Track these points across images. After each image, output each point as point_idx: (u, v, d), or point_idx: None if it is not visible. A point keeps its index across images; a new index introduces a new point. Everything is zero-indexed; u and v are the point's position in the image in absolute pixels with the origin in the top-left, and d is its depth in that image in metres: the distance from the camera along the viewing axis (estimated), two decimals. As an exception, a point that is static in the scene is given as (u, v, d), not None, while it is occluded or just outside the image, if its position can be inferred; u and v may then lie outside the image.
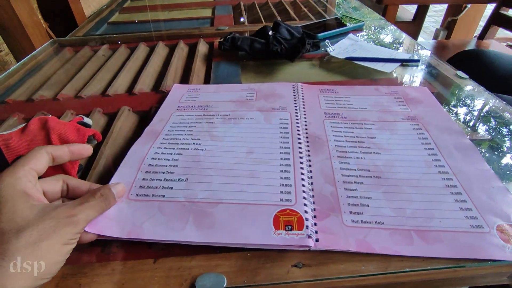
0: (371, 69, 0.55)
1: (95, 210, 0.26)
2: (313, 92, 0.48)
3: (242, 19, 0.86)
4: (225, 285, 0.24)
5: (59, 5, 1.64)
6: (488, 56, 0.94)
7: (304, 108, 0.44)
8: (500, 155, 0.37)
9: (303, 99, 0.46)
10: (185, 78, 0.57)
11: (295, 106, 0.44)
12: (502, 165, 0.35)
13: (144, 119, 0.46)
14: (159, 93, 0.52)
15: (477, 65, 0.89)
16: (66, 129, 0.34)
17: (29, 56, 0.67)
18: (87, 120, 0.39)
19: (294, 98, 0.46)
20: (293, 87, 0.48)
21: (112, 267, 0.26)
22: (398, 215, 0.28)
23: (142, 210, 0.29)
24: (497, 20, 1.33)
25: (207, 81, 0.56)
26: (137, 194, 0.31)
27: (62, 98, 0.51)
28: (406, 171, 0.33)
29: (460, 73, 0.52)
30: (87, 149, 0.31)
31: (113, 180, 0.33)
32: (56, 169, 0.32)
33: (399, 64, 0.55)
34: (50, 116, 0.37)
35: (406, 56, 0.57)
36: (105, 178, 0.36)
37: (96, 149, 0.40)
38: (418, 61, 0.56)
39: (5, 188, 0.23)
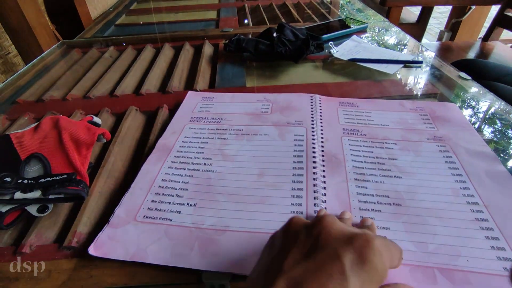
0: (374, 70, 0.55)
1: None
2: (331, 105, 0.45)
3: (246, 21, 0.87)
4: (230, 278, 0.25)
5: (66, 7, 1.67)
6: (477, 64, 0.98)
7: (321, 123, 0.41)
8: (506, 157, 0.37)
9: (320, 112, 0.43)
10: (191, 79, 0.58)
11: (312, 121, 0.41)
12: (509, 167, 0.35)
13: (152, 119, 0.47)
14: (165, 94, 0.53)
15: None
16: (77, 128, 0.35)
17: (38, 58, 0.68)
18: (96, 119, 0.40)
19: (312, 111, 0.44)
20: (311, 99, 0.46)
21: (122, 260, 0.27)
22: (420, 250, 0.26)
23: (148, 233, 0.28)
24: (501, 21, 1.33)
25: (212, 82, 0.57)
26: (144, 216, 0.30)
27: (71, 98, 0.53)
28: (430, 199, 0.30)
29: (463, 74, 0.52)
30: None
31: (123, 202, 0.32)
32: (66, 164, 0.33)
33: (402, 65, 0.56)
34: (61, 115, 0.38)
35: (409, 58, 0.58)
36: (114, 176, 0.37)
37: (105, 147, 0.41)
38: (421, 62, 0.57)
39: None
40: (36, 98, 0.53)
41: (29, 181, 0.31)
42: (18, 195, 0.30)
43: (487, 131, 0.42)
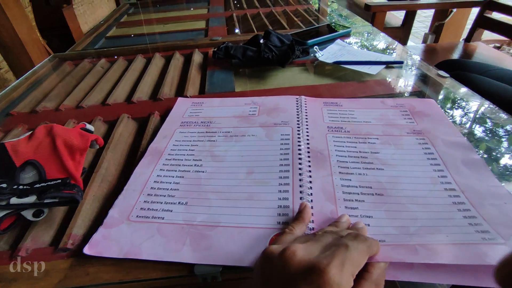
0: (358, 71, 0.58)
1: None
2: (316, 105, 0.47)
3: (237, 30, 0.90)
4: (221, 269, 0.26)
5: (57, 23, 1.69)
6: (458, 64, 1.03)
7: (307, 122, 0.43)
8: (480, 145, 0.39)
9: (306, 113, 0.45)
10: (181, 86, 0.60)
11: (298, 120, 0.43)
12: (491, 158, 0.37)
13: (143, 125, 0.48)
14: (156, 101, 0.54)
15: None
16: (70, 135, 0.37)
17: (30, 71, 0.70)
18: (89, 126, 0.42)
19: (297, 112, 0.45)
20: (297, 101, 0.48)
21: (116, 258, 0.28)
22: (401, 233, 0.27)
23: (141, 231, 0.30)
24: (482, 23, 1.38)
25: (202, 88, 0.59)
26: (137, 216, 0.31)
27: (64, 108, 0.54)
28: (411, 188, 0.32)
29: (441, 72, 0.55)
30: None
31: (117, 203, 0.33)
32: (60, 170, 0.34)
33: (384, 66, 0.58)
34: (55, 124, 0.39)
35: (391, 59, 0.60)
36: (107, 180, 0.38)
37: (98, 153, 0.42)
38: (401, 62, 0.59)
39: None
40: (30, 110, 0.54)
41: (25, 187, 0.32)
42: (14, 200, 0.30)
43: (463, 124, 0.44)
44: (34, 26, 1.46)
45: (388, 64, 0.59)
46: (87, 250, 0.28)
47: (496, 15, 1.36)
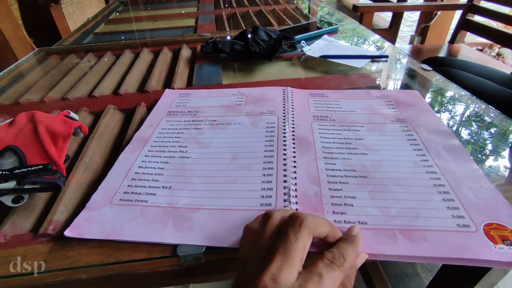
0: (343, 65, 0.59)
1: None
2: (303, 96, 0.48)
3: (227, 29, 0.90)
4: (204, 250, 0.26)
5: (45, 22, 1.66)
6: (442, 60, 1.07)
7: (293, 111, 0.44)
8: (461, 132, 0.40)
9: (292, 103, 0.46)
10: (169, 80, 0.60)
11: (284, 110, 0.44)
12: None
13: (130, 116, 0.48)
14: (144, 93, 0.54)
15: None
16: (53, 121, 0.36)
17: (14, 64, 0.68)
18: (73, 115, 0.41)
19: (284, 102, 0.46)
20: (283, 92, 0.49)
21: (98, 241, 0.27)
22: (383, 214, 0.28)
23: (124, 213, 0.29)
24: (465, 25, 1.42)
25: (190, 81, 0.59)
26: (120, 199, 0.31)
27: (48, 100, 0.53)
28: (394, 170, 0.33)
29: (424, 66, 0.56)
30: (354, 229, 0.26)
31: (100, 187, 0.33)
32: (42, 156, 0.34)
33: (370, 60, 0.59)
34: (37, 111, 0.39)
35: (376, 53, 0.62)
36: (92, 168, 0.37)
37: (83, 142, 0.41)
38: (386, 56, 0.61)
39: None
40: (13, 102, 0.53)
41: (3, 172, 0.31)
42: (-7, 185, 0.30)
43: (445, 112, 0.45)
44: (20, 24, 1.43)
45: (374, 58, 0.60)
46: (68, 232, 0.27)
47: (479, 19, 1.41)
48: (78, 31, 0.93)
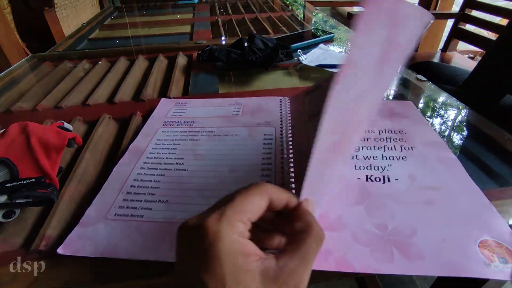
0: (340, 75, 0.59)
1: (313, 260, 0.20)
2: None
3: (223, 39, 0.90)
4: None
5: (38, 26, 1.64)
6: (434, 66, 1.10)
7: (290, 122, 0.43)
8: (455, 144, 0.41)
9: (289, 113, 0.46)
10: (164, 88, 0.59)
11: (281, 121, 0.44)
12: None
13: (125, 125, 0.47)
14: (139, 102, 0.53)
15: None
16: (46, 132, 0.35)
17: (6, 70, 0.67)
18: (67, 125, 0.40)
19: (281, 112, 0.46)
20: (280, 101, 0.48)
21: (92, 258, 0.27)
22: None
23: (119, 229, 0.29)
24: (457, 34, 1.45)
25: (186, 90, 0.58)
26: (115, 214, 0.31)
27: (41, 109, 0.52)
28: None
29: (420, 76, 0.57)
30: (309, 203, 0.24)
31: (95, 202, 0.32)
32: (35, 169, 0.33)
33: (366, 70, 0.60)
34: (30, 121, 0.38)
35: (372, 63, 0.62)
36: (86, 180, 0.37)
37: (77, 154, 0.41)
38: (382, 67, 0.61)
39: (226, 250, 0.18)
40: (4, 109, 0.52)
41: (-5, 186, 0.30)
42: (-18, 200, 0.29)
43: (439, 123, 0.46)
44: (13, 28, 1.41)
45: (369, 68, 0.60)
46: (61, 250, 0.27)
47: (471, 27, 1.44)
48: (72, 37, 0.92)
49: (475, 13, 1.37)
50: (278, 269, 0.18)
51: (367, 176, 0.34)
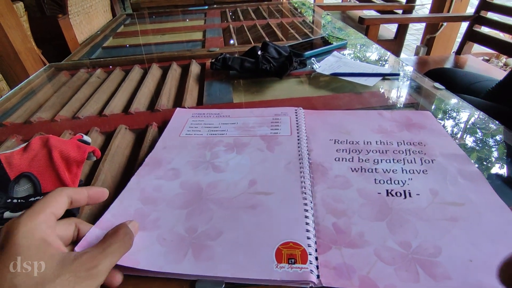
0: (355, 83, 0.58)
1: (118, 254, 0.24)
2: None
3: (232, 41, 0.91)
4: (223, 286, 0.26)
5: (53, 32, 1.68)
6: (448, 73, 1.08)
7: (306, 134, 0.43)
8: (479, 157, 0.40)
9: (305, 124, 0.46)
10: (179, 97, 0.60)
11: (298, 133, 0.43)
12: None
13: (141, 136, 0.48)
14: (154, 112, 0.54)
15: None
16: (67, 146, 0.36)
17: (25, 80, 0.69)
18: (86, 138, 0.41)
19: (297, 124, 0.46)
20: (296, 112, 0.48)
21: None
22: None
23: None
24: (471, 36, 1.42)
25: (200, 99, 0.59)
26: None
27: (59, 119, 0.53)
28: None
29: (437, 84, 0.56)
30: (104, 194, 0.30)
31: (111, 209, 0.32)
32: (56, 182, 0.33)
33: (381, 78, 0.59)
34: (51, 135, 0.39)
35: (387, 71, 0.61)
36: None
37: (95, 165, 0.41)
38: (398, 74, 0.60)
39: (24, 235, 0.21)
40: (24, 120, 0.53)
41: (19, 200, 0.31)
42: (8, 214, 0.29)
43: (460, 135, 0.44)
44: (29, 36, 1.45)
45: (385, 76, 0.60)
46: (78, 248, 0.27)
47: (485, 29, 1.41)
48: (86, 45, 0.94)
49: (491, 15, 1.35)
50: (78, 255, 0.22)
51: (387, 190, 0.34)
